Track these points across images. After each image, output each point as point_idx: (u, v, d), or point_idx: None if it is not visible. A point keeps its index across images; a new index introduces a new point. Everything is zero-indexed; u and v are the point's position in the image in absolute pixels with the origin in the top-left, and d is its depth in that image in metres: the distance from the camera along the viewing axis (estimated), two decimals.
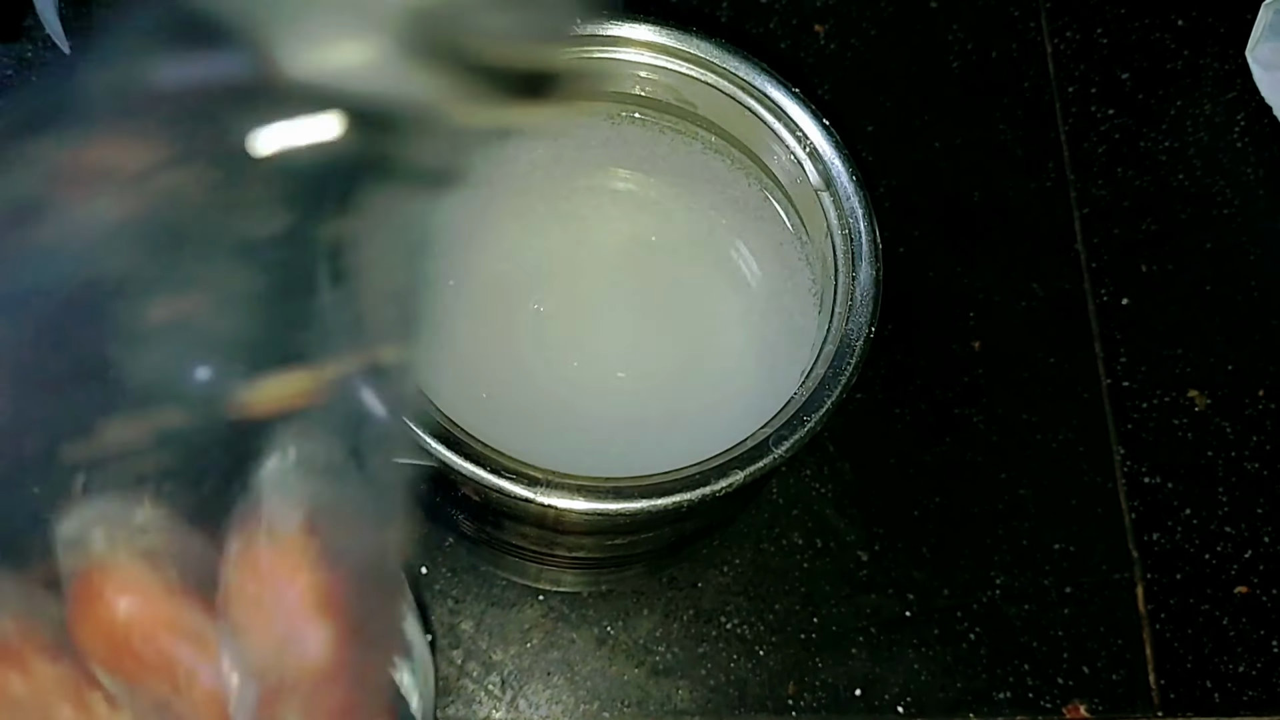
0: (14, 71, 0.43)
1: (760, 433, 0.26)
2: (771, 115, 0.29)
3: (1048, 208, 0.45)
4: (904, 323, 0.43)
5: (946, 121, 0.46)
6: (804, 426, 0.26)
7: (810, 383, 0.26)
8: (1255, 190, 0.47)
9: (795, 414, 0.26)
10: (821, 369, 0.26)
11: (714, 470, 0.25)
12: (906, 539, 0.40)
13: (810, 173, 0.28)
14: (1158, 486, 0.42)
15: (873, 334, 0.26)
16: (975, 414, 0.42)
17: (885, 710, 0.38)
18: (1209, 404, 0.43)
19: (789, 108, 0.28)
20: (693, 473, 0.25)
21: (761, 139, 0.29)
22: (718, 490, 0.25)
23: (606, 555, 0.32)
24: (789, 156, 0.29)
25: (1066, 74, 0.48)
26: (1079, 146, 0.47)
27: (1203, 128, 0.48)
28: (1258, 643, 0.40)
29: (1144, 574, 0.41)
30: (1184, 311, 0.44)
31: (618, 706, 0.37)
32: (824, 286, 0.29)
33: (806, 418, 0.26)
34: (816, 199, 0.28)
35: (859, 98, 0.46)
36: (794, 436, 0.26)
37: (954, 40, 0.48)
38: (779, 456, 0.25)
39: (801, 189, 0.29)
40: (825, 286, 0.29)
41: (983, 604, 0.40)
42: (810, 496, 0.40)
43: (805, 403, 0.26)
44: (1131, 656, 0.39)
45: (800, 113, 0.28)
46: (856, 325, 0.27)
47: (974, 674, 0.39)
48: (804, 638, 0.39)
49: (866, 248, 0.27)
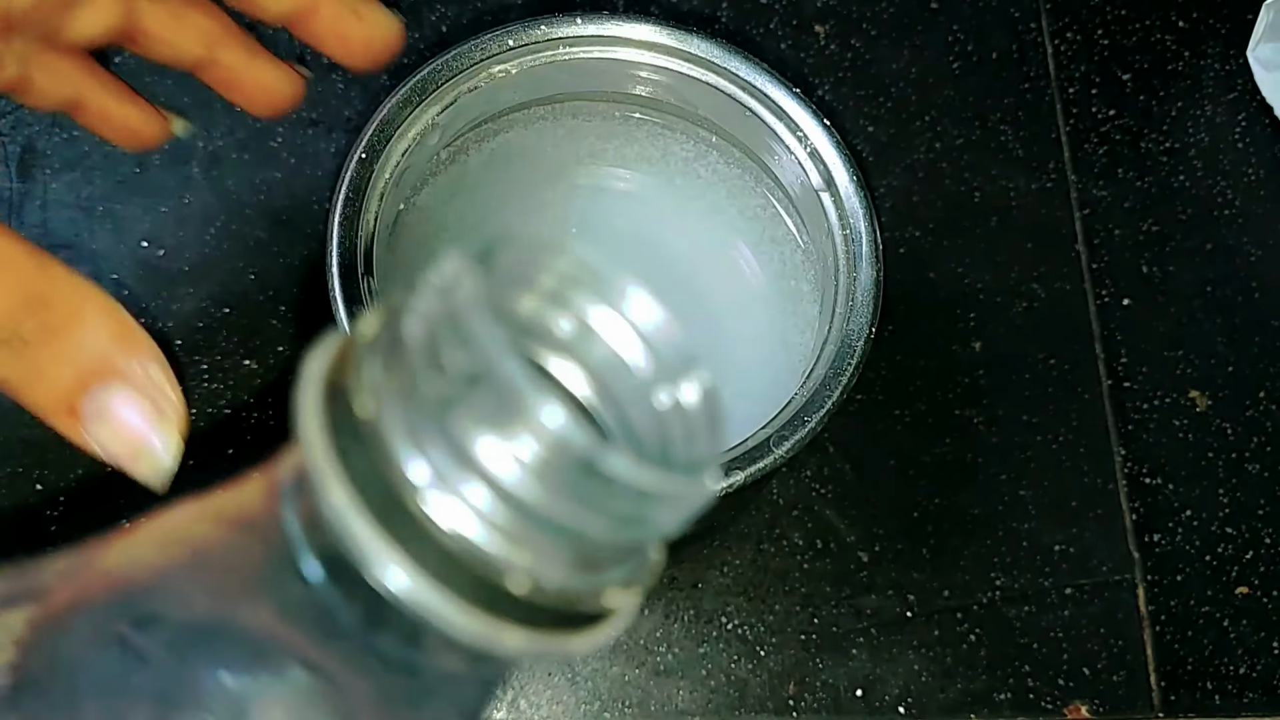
0: None
1: (760, 433, 0.26)
2: (772, 115, 0.29)
3: (1048, 208, 0.45)
4: (904, 323, 0.43)
5: (946, 122, 0.46)
6: (804, 427, 0.26)
7: (811, 383, 0.26)
8: (1256, 191, 0.47)
9: (796, 414, 0.26)
10: (822, 369, 0.26)
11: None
12: (907, 540, 0.40)
13: (811, 173, 0.28)
14: (1158, 487, 0.42)
15: (873, 334, 0.26)
16: (975, 415, 0.42)
17: (886, 711, 0.38)
18: (1210, 405, 0.43)
19: (790, 108, 0.28)
20: None
21: (762, 139, 0.29)
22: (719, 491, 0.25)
23: None
24: (789, 157, 0.29)
25: (1067, 74, 0.48)
26: (1079, 147, 0.47)
27: (1204, 128, 0.47)
28: (1259, 644, 0.40)
29: (1145, 575, 0.41)
30: (1185, 312, 0.44)
31: (618, 707, 0.37)
32: (824, 287, 0.29)
33: (807, 418, 0.26)
34: (817, 199, 0.28)
35: (859, 98, 0.46)
36: (794, 437, 0.26)
37: (954, 40, 0.48)
38: (780, 457, 0.25)
39: (802, 189, 0.29)
40: (825, 287, 0.29)
41: (983, 605, 0.39)
42: (810, 497, 0.40)
43: (806, 403, 0.26)
44: (1132, 658, 0.39)
45: (801, 113, 0.28)
46: (857, 325, 0.27)
47: (974, 675, 0.39)
48: (804, 638, 0.39)
49: (867, 248, 0.27)
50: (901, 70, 0.47)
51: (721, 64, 0.29)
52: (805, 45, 0.47)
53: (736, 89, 0.29)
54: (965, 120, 0.46)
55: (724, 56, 0.29)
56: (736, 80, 0.29)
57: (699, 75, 0.29)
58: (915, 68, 0.47)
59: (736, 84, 0.29)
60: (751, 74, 0.29)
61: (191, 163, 0.42)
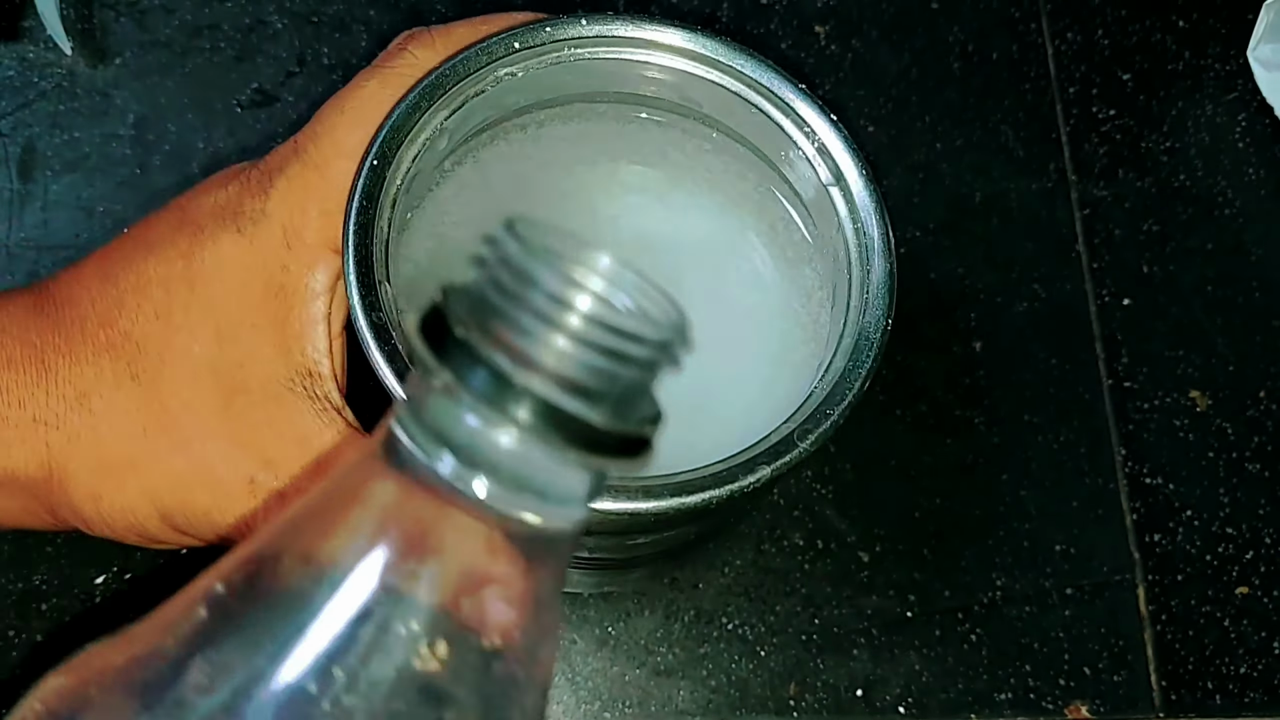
0: (15, 72, 0.43)
1: (784, 427, 0.26)
2: (779, 111, 0.29)
3: (1049, 208, 0.45)
4: (905, 323, 0.43)
5: (947, 122, 0.46)
6: (828, 420, 0.26)
7: (831, 376, 0.26)
8: (1256, 190, 0.47)
9: (818, 408, 0.26)
10: (840, 362, 0.26)
11: (740, 466, 0.25)
12: (907, 540, 0.40)
13: (819, 169, 0.28)
14: (1159, 487, 0.42)
15: (889, 327, 0.26)
16: (976, 415, 0.42)
17: (887, 711, 0.38)
18: (1210, 405, 0.43)
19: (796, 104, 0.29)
20: (720, 469, 0.25)
21: (768, 136, 0.29)
22: (745, 486, 0.25)
23: (625, 556, 0.32)
24: (796, 153, 0.29)
25: (1067, 74, 0.48)
26: (1080, 147, 0.47)
27: (1204, 128, 0.47)
28: (1260, 644, 0.40)
29: (1145, 575, 0.41)
30: (1185, 312, 0.44)
31: (619, 707, 0.37)
32: (836, 281, 0.29)
33: (830, 411, 0.26)
34: (826, 194, 0.28)
35: (859, 98, 0.46)
36: (819, 429, 0.26)
37: (954, 41, 0.48)
38: (804, 450, 0.26)
39: (810, 185, 0.29)
40: (838, 281, 0.29)
41: (984, 605, 0.39)
42: (811, 497, 0.40)
43: (826, 396, 0.26)
44: (1133, 658, 0.39)
45: (808, 109, 0.28)
46: (873, 318, 0.27)
47: (975, 675, 0.39)
48: (805, 639, 0.39)
49: (879, 242, 0.27)
50: (902, 70, 0.47)
51: (727, 61, 0.29)
52: (805, 45, 0.47)
53: (743, 86, 0.29)
54: (965, 120, 0.46)
55: (729, 54, 0.29)
56: (743, 78, 0.29)
57: (704, 74, 0.29)
58: (915, 68, 0.47)
59: (743, 81, 0.29)
60: (757, 71, 0.29)
61: (193, 163, 0.42)
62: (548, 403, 0.16)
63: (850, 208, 0.28)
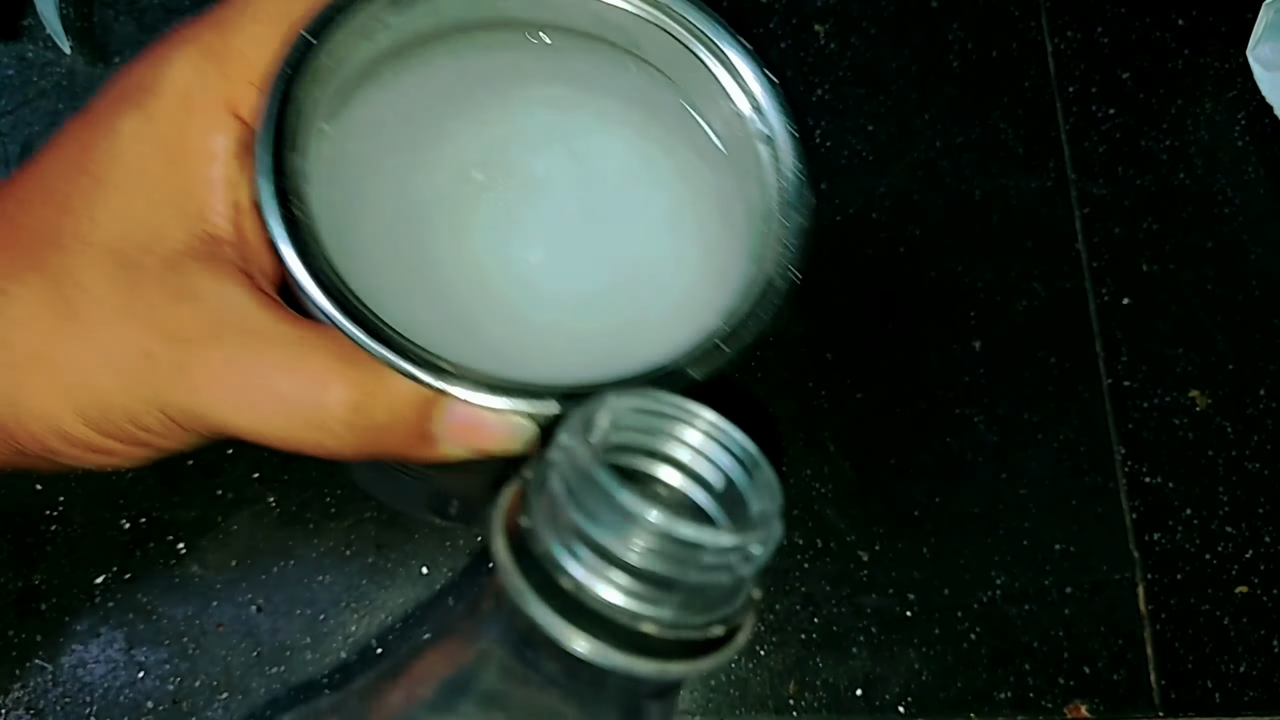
0: (14, 71, 0.43)
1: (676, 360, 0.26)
2: (718, 63, 0.29)
3: (1048, 207, 0.45)
4: (904, 322, 0.43)
5: (946, 121, 0.46)
6: (720, 355, 0.26)
7: (732, 319, 0.27)
8: (1256, 189, 0.47)
9: (711, 345, 0.26)
10: (745, 307, 0.27)
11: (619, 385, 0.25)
12: (907, 539, 0.40)
13: (751, 122, 0.29)
14: (1158, 486, 0.42)
15: (797, 279, 0.27)
16: (976, 414, 0.42)
17: (886, 710, 0.38)
18: (1210, 403, 0.43)
19: (733, 57, 0.29)
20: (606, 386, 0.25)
21: (704, 86, 0.30)
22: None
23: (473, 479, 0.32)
24: (730, 107, 0.29)
25: (1067, 73, 0.48)
26: (1080, 145, 0.47)
27: (1203, 127, 0.48)
28: (1259, 642, 0.40)
29: (1145, 574, 0.41)
30: (1185, 311, 0.44)
31: None
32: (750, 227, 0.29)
33: (723, 347, 0.26)
34: (754, 148, 0.29)
35: (859, 96, 0.46)
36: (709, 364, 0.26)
37: (954, 40, 0.48)
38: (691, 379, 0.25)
39: (738, 135, 0.29)
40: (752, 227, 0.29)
41: (983, 604, 0.40)
42: (810, 496, 0.40)
43: (725, 337, 0.26)
44: (1132, 656, 0.39)
45: (744, 64, 0.29)
46: (780, 268, 0.27)
47: (975, 674, 0.39)
48: (805, 637, 0.39)
49: (796, 197, 0.28)
50: (902, 69, 0.47)
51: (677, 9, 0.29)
52: (805, 44, 0.47)
53: (686, 33, 0.29)
54: (965, 119, 0.46)
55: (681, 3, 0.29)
56: (684, 23, 0.29)
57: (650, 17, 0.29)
58: (915, 66, 0.47)
59: (685, 26, 0.29)
60: (700, 20, 0.29)
61: None
62: (607, 613, 0.18)
63: (776, 164, 0.28)
